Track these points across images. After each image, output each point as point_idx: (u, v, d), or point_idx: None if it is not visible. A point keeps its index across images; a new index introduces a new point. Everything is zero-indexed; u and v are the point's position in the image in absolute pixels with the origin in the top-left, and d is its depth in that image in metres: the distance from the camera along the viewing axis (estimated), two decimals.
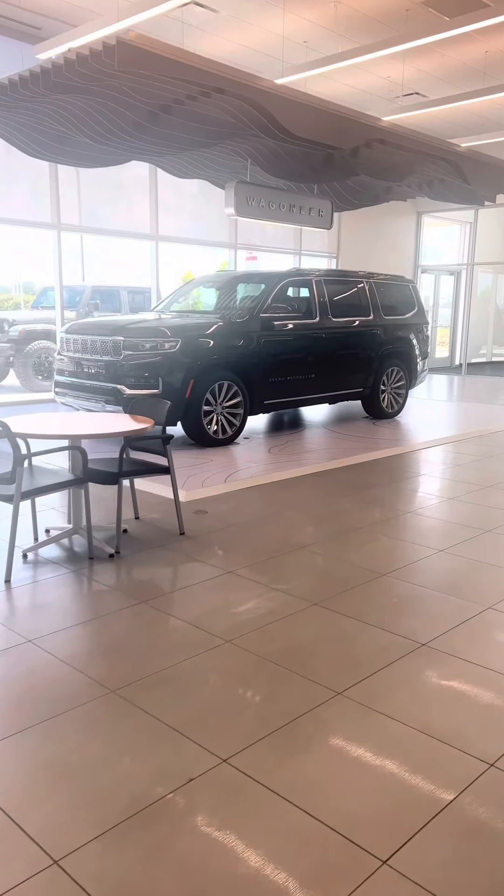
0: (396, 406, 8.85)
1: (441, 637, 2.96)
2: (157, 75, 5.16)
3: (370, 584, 3.53)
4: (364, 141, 7.13)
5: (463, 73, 9.64)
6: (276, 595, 3.37)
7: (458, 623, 3.10)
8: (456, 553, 4.01)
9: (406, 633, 2.99)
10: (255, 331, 7.13)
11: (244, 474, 5.75)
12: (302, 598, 3.33)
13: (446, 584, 3.54)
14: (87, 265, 13.08)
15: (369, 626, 3.06)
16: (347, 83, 10.04)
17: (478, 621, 3.12)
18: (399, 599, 3.36)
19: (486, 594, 3.43)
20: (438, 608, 3.27)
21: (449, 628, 3.05)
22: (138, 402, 4.41)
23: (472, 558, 3.93)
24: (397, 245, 14.94)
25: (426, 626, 3.07)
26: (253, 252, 12.67)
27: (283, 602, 3.30)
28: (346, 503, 5.03)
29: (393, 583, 3.56)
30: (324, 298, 7.88)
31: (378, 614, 3.18)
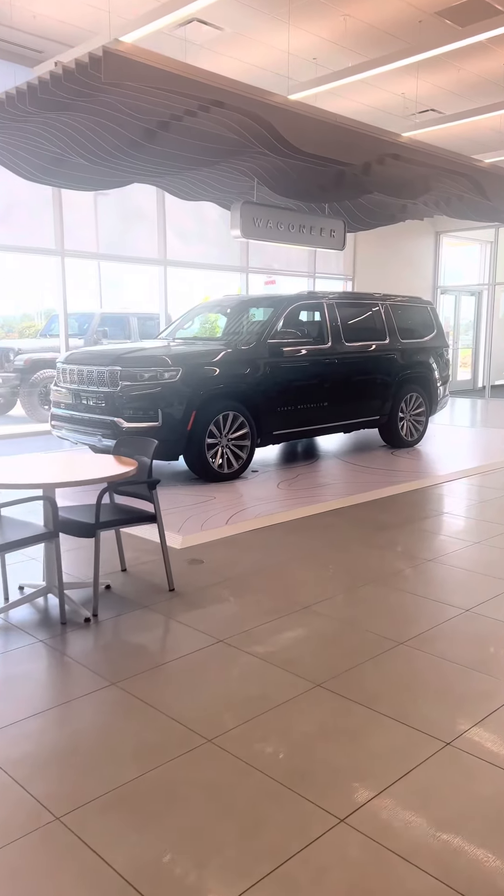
0: (416, 434, 8.33)
1: (470, 732, 2.43)
2: (150, 88, 4.81)
3: (385, 657, 3.00)
4: (376, 156, 6.73)
5: (480, 86, 9.25)
6: (272, 672, 2.87)
7: (490, 712, 2.56)
8: (483, 613, 3.47)
9: (427, 727, 2.46)
10: (262, 358, 6.70)
11: (248, 514, 5.26)
12: (302, 678, 2.82)
13: (473, 657, 3.00)
14: (106, 292, 12.84)
15: (382, 716, 2.54)
16: (360, 101, 9.70)
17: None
18: (418, 678, 2.83)
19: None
20: (464, 690, 2.73)
21: (479, 719, 2.51)
22: (124, 440, 3.97)
23: (501, 619, 3.38)
24: (415, 266, 14.50)
25: (451, 715, 2.54)
26: (271, 276, 12.32)
27: (280, 682, 2.79)
28: (359, 549, 4.51)
29: (411, 655, 3.03)
30: (336, 322, 7.44)
31: (393, 700, 2.66)
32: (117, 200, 10.14)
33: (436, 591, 3.77)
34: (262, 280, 12.29)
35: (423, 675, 2.85)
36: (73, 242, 9.30)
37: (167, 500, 5.65)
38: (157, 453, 6.44)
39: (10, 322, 13.80)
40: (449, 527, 5.10)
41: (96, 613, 3.43)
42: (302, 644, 3.13)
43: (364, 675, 2.84)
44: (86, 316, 11.69)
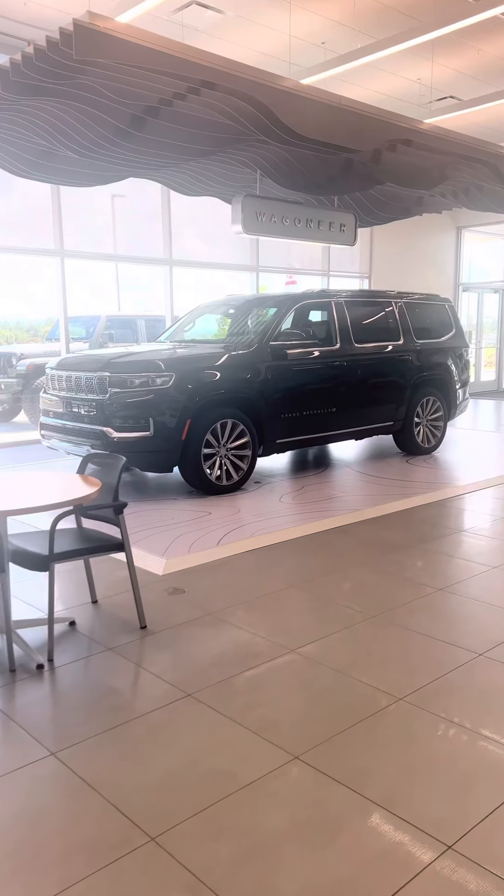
0: (434, 440, 7.80)
1: (476, 832, 1.94)
2: (130, 67, 4.39)
3: (378, 720, 2.52)
4: (385, 142, 6.23)
5: (501, 69, 8.68)
6: (243, 740, 2.41)
7: (500, 805, 2.07)
8: (499, 658, 2.96)
9: (430, 827, 1.98)
10: (264, 361, 6.24)
11: (244, 533, 4.81)
12: (279, 747, 2.36)
13: (488, 717, 2.51)
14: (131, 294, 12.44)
15: (370, 804, 2.06)
16: (373, 89, 9.19)
17: None
18: (417, 751, 2.34)
19: None
20: (471, 767, 2.24)
21: (488, 812, 2.02)
22: (92, 456, 3.55)
23: None
24: (436, 263, 13.91)
25: (460, 809, 2.05)
26: (290, 275, 11.85)
27: (251, 753, 2.33)
28: (363, 574, 4.03)
29: (410, 715, 2.55)
30: (345, 322, 6.95)
31: (385, 782, 2.18)
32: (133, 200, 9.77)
33: (446, 630, 3.27)
34: (278, 280, 11.83)
35: (422, 746, 2.36)
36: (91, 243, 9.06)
37: (157, 517, 5.22)
38: (150, 465, 6.09)
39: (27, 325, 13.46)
40: (466, 548, 4.58)
41: (51, 658, 3.00)
42: (284, 700, 2.66)
43: (353, 745, 2.37)
44: (92, 319, 11.34)
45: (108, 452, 4.15)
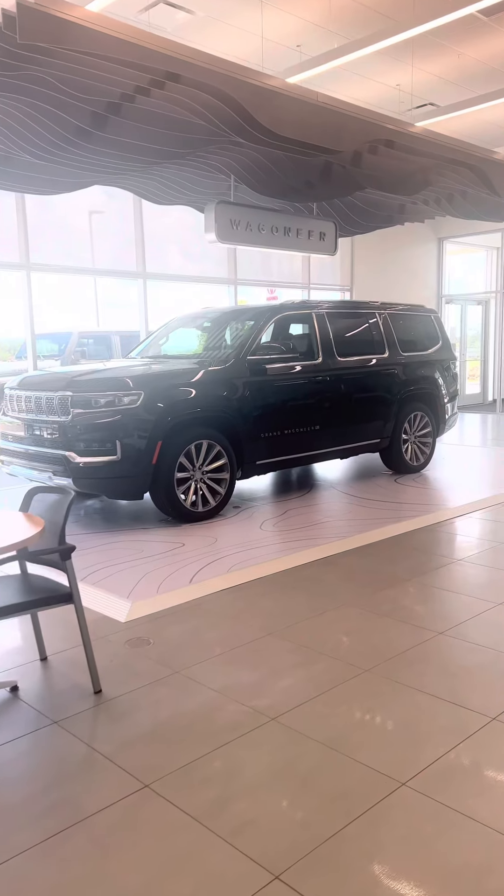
0: (423, 458, 7.39)
1: None
2: (85, 55, 3.98)
3: (378, 815, 2.05)
4: (366, 143, 5.87)
5: (482, 75, 8.41)
6: (209, 848, 1.92)
7: None
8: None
9: None
10: (241, 377, 5.81)
11: (220, 567, 4.33)
12: (255, 861, 1.87)
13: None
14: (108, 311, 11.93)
15: None
16: (352, 95, 8.89)
17: None
18: (431, 857, 1.88)
19: None
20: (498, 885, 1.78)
21: None
22: (37, 490, 3.06)
23: None
24: (418, 275, 13.63)
25: None
26: (272, 288, 11.45)
27: (217, 871, 1.84)
28: (354, 617, 3.57)
29: (419, 806, 2.08)
30: (327, 335, 6.54)
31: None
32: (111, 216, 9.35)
33: (451, 687, 2.81)
34: (258, 293, 11.43)
35: (437, 851, 1.89)
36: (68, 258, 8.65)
37: (124, 550, 4.74)
38: (117, 492, 5.59)
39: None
40: (465, 581, 4.15)
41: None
42: (261, 790, 2.18)
43: (347, 856, 1.89)
44: (64, 335, 10.87)
45: (57, 486, 3.67)
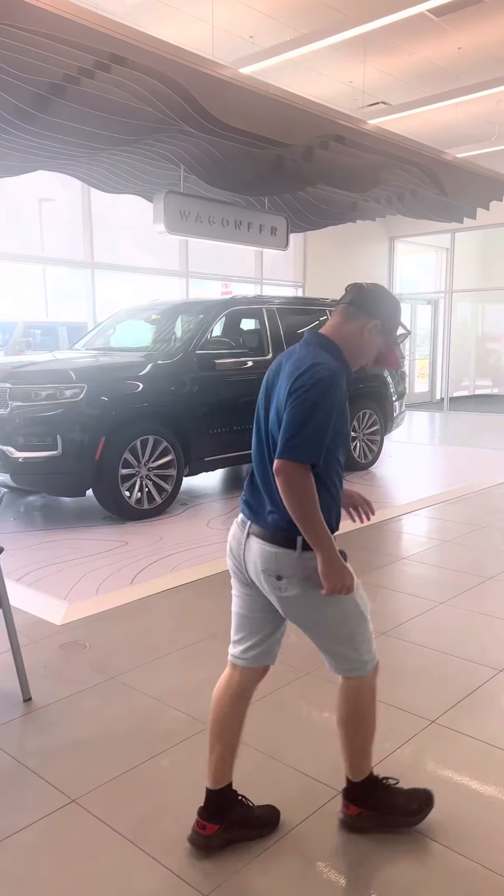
0: (371, 455, 7.42)
1: None
2: (22, 32, 3.79)
3: (317, 827, 2.00)
4: (318, 138, 5.82)
5: (433, 75, 8.48)
6: (137, 874, 1.83)
7: None
8: (451, 727, 2.50)
9: None
10: (189, 372, 5.70)
11: (163, 567, 4.23)
12: (186, 882, 1.79)
13: (450, 814, 2.02)
14: (61, 301, 11.54)
15: None
16: (305, 90, 8.77)
17: None
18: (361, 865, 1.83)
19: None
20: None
21: None
22: None
23: (469, 734, 2.42)
24: (370, 273, 13.72)
25: None
26: (226, 282, 11.32)
27: (145, 890, 1.76)
28: None
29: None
30: (278, 331, 6.48)
31: None
32: (62, 204, 9.05)
33: (394, 689, 2.78)
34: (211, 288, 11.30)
35: (372, 859, 1.85)
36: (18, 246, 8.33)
37: (65, 548, 4.58)
38: (58, 489, 5.41)
39: None
40: (409, 580, 4.15)
41: None
42: (194, 802, 2.10)
43: (281, 871, 1.83)
44: (9, 325, 10.52)
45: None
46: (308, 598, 1.79)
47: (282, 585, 1.79)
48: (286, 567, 1.78)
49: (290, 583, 1.78)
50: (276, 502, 1.77)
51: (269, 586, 1.82)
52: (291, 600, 1.80)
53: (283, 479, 1.70)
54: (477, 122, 10.18)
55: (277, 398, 1.79)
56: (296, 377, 1.73)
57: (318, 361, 1.75)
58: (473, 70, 8.30)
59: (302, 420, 1.69)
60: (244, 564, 1.88)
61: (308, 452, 1.69)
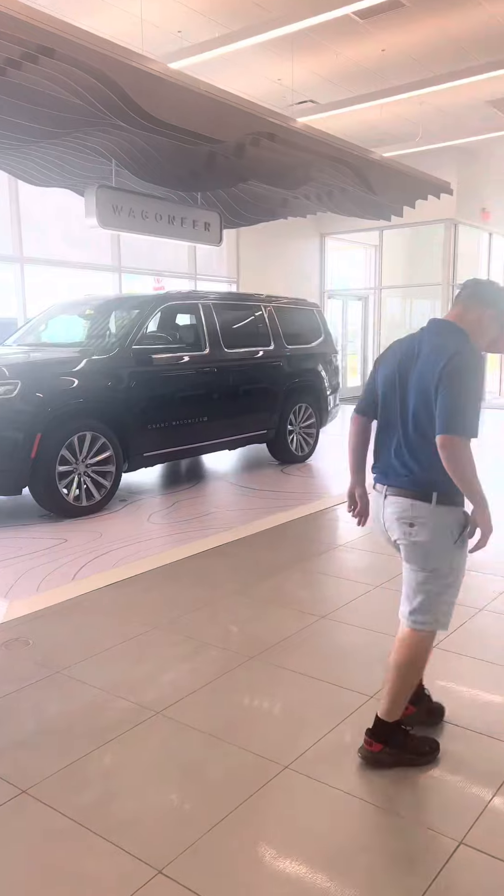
0: (307, 448, 7.58)
1: None
2: None
3: (261, 801, 2.08)
4: (249, 135, 5.90)
5: (359, 75, 8.70)
6: (91, 855, 1.87)
7: None
8: None
9: None
10: (127, 367, 5.68)
11: (105, 563, 4.22)
12: (139, 859, 1.84)
13: (384, 782, 2.14)
14: None
15: None
16: (234, 86, 8.85)
17: None
18: (315, 842, 1.92)
19: None
20: (408, 855, 1.85)
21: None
22: None
23: None
24: (302, 270, 13.95)
25: None
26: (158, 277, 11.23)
27: (100, 877, 1.79)
28: (239, 606, 3.60)
29: (300, 788, 2.12)
30: (214, 326, 6.53)
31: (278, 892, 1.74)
32: None
33: (332, 668, 2.90)
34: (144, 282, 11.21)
35: (319, 830, 1.95)
36: None
37: (1, 548, 4.50)
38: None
39: None
40: (345, 565, 4.30)
41: None
42: (145, 786, 2.15)
43: (231, 843, 1.90)
44: None
45: None
46: (431, 545, 2.09)
47: (413, 532, 2.10)
48: (420, 516, 2.08)
49: (420, 530, 2.08)
50: (410, 466, 2.10)
51: (401, 532, 2.13)
52: (418, 545, 2.11)
53: (448, 452, 1.99)
54: (401, 123, 10.51)
55: (421, 381, 2.07)
56: (445, 362, 2.01)
57: (461, 348, 2.04)
58: (397, 72, 8.57)
59: (461, 401, 1.98)
60: (384, 525, 2.21)
61: (470, 428, 1.99)
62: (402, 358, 2.18)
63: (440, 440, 1.99)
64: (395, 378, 2.17)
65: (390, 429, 2.19)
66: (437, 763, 2.24)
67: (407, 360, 2.16)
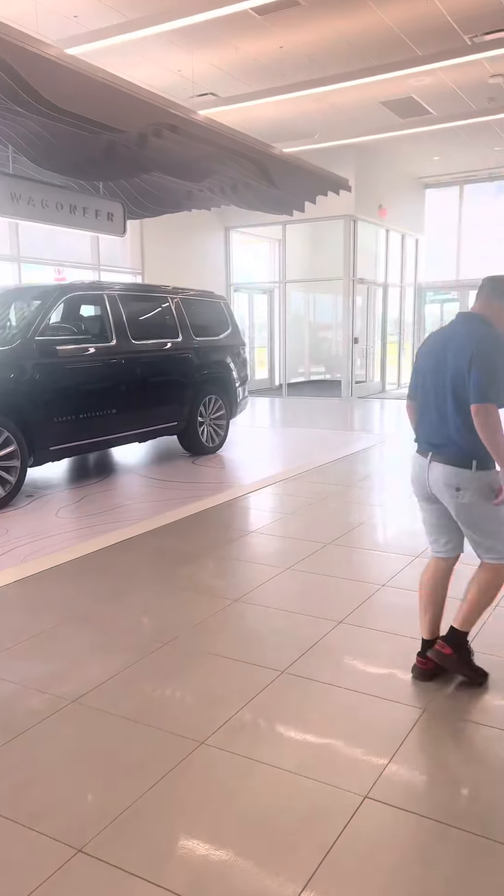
0: (217, 439, 7.66)
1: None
2: None
3: (180, 777, 2.14)
4: (151, 125, 5.88)
5: (259, 71, 8.83)
6: (11, 842, 1.87)
7: None
8: (301, 674, 2.77)
9: None
10: (30, 358, 5.54)
11: (12, 559, 4.13)
12: (58, 841, 1.86)
13: (299, 750, 2.26)
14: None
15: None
16: (135, 76, 8.72)
17: None
18: (229, 810, 2.01)
19: None
20: (303, 820, 1.97)
21: (315, 865, 1.76)
22: None
23: (321, 681, 2.71)
24: (207, 262, 13.99)
25: (288, 877, 1.75)
26: (60, 268, 10.89)
27: (21, 861, 1.80)
28: (153, 595, 3.63)
29: (216, 761, 2.21)
30: (121, 317, 6.47)
31: (196, 865, 1.81)
32: None
33: (245, 648, 3.00)
34: (45, 273, 10.87)
35: (233, 803, 2.04)
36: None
37: None
38: None
39: None
40: (256, 550, 4.42)
41: None
42: (62, 771, 2.16)
43: (150, 819, 1.96)
44: None
45: None
46: (477, 504, 2.50)
47: (459, 495, 2.50)
48: (464, 481, 2.49)
49: (465, 493, 2.49)
50: (454, 439, 2.50)
51: (449, 496, 2.54)
52: (465, 506, 2.52)
53: (480, 419, 2.39)
54: (301, 120, 10.75)
55: (456, 364, 2.47)
56: (475, 346, 2.43)
57: (487, 333, 2.49)
58: (295, 69, 8.76)
59: (489, 375, 2.40)
60: (428, 483, 2.61)
61: (497, 397, 2.39)
62: (439, 347, 2.59)
63: (474, 408, 2.40)
64: (434, 364, 2.58)
65: (431, 406, 2.59)
66: (336, 729, 2.39)
67: (442, 348, 2.57)
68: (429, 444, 2.61)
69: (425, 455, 2.61)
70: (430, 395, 2.59)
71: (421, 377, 2.65)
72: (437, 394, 2.56)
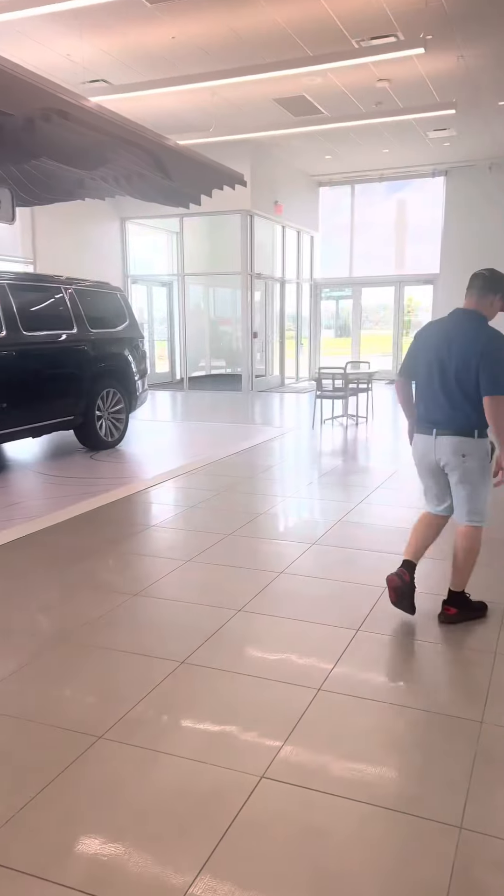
0: (116, 434, 7.54)
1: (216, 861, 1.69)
2: None
3: (77, 773, 2.11)
4: (39, 110, 5.66)
5: (150, 60, 8.70)
6: None
7: None
8: (201, 663, 2.80)
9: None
10: None
11: None
12: None
13: (199, 739, 2.29)
14: None
15: (71, 891, 1.66)
16: (21, 57, 8.41)
17: None
18: (127, 803, 2.00)
19: None
20: (199, 804, 1.99)
21: (211, 849, 1.79)
22: None
23: (217, 667, 2.75)
24: (103, 253, 13.67)
25: (185, 859, 1.77)
26: None
27: None
28: (49, 592, 3.54)
29: (114, 754, 2.19)
30: (11, 307, 6.21)
31: (92, 862, 1.79)
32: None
33: (144, 641, 2.99)
34: None
35: (135, 790, 2.03)
36: None
37: None
38: None
39: None
40: (157, 544, 4.41)
41: None
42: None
43: (46, 817, 1.92)
44: None
45: None
46: (478, 468, 2.97)
47: (465, 461, 2.96)
48: (469, 448, 2.95)
49: (470, 458, 2.95)
50: (459, 412, 2.93)
51: (456, 462, 2.97)
52: (469, 469, 2.97)
53: (493, 409, 2.85)
54: (196, 113, 10.72)
55: (462, 354, 2.89)
56: (482, 345, 2.86)
57: (490, 332, 2.90)
58: (188, 61, 8.71)
59: (497, 370, 2.83)
60: (434, 456, 3.04)
61: None
62: (441, 339, 2.97)
63: (487, 400, 2.84)
64: (436, 355, 2.97)
65: (437, 391, 2.98)
66: (234, 714, 2.44)
67: (445, 342, 2.95)
68: (431, 421, 3.03)
69: (429, 432, 3.03)
70: (435, 381, 2.98)
71: (424, 364, 3.03)
72: (443, 382, 2.96)
